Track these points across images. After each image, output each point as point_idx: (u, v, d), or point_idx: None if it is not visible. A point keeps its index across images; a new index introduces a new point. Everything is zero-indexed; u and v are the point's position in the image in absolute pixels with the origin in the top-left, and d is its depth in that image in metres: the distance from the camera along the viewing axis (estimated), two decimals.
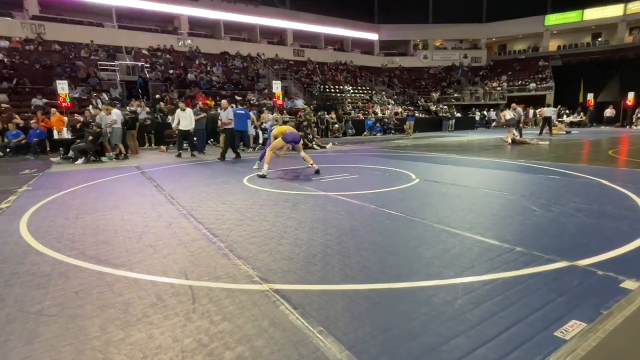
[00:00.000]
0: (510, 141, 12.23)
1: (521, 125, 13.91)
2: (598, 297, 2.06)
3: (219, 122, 9.92)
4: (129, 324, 1.89)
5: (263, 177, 6.42)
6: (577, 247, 2.83)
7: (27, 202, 4.91)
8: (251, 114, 11.85)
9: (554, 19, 32.89)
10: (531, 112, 19.86)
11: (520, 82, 30.64)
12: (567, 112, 24.49)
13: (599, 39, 32.44)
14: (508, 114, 12.77)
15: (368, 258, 2.70)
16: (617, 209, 3.92)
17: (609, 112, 23.23)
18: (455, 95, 30.37)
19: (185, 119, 10.14)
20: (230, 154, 9.71)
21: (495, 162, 8.18)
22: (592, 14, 31.18)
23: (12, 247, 3.13)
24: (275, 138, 6.91)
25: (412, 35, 36.06)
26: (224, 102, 10.33)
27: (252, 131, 13.10)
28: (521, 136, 13.00)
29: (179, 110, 10.21)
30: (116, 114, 10.06)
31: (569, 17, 32.23)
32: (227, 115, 9.76)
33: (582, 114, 24.25)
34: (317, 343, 1.69)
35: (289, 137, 6.83)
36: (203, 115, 11.75)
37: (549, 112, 14.38)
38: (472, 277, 2.35)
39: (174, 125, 10.43)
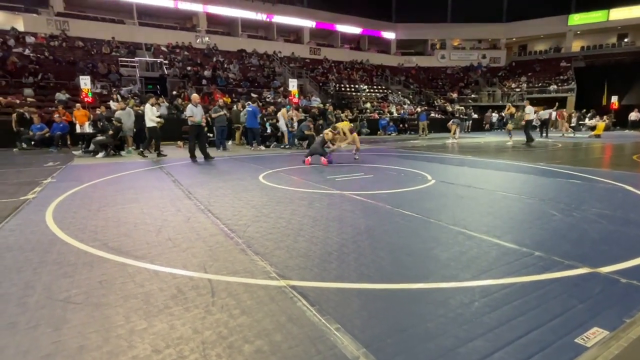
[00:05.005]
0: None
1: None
2: (620, 304, 2.02)
3: (190, 119, 9.06)
4: (151, 314, 1.95)
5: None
6: (599, 254, 2.77)
7: (51, 193, 5.08)
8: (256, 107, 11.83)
9: (577, 19, 31.95)
10: (554, 113, 19.33)
11: (540, 84, 29.93)
12: (589, 114, 23.79)
13: (625, 40, 31.38)
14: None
15: (383, 257, 2.70)
16: None
17: (634, 115, 22.49)
18: (473, 95, 29.89)
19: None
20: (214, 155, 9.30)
21: (512, 164, 8.03)
22: (618, 14, 30.16)
23: (39, 236, 3.26)
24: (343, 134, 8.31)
25: (429, 35, 35.62)
26: (194, 95, 9.61)
27: (284, 127, 12.72)
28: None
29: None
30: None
31: (594, 17, 31.26)
32: (200, 111, 9.11)
33: (604, 117, 23.52)
34: (334, 340, 1.71)
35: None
36: (223, 112, 11.85)
37: (532, 113, 13.34)
38: (489, 280, 2.33)
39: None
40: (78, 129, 11.67)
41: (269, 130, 13.57)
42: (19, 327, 1.84)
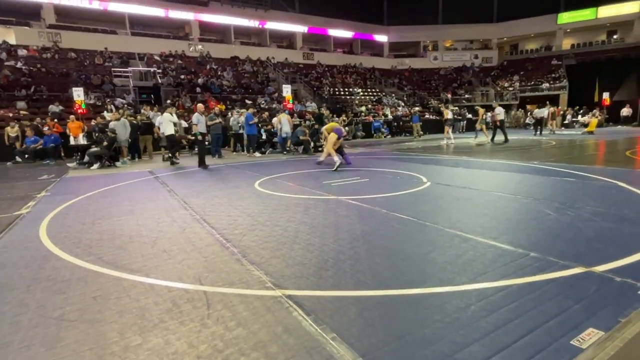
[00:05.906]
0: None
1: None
2: (616, 304, 2.03)
3: (195, 127, 9.50)
4: (146, 329, 1.94)
5: (337, 168, 7.65)
6: (593, 253, 2.78)
7: (45, 207, 5.05)
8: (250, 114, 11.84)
9: (566, 17, 32.34)
10: (546, 111, 19.47)
11: (532, 82, 30.17)
12: (581, 111, 24.00)
13: (614, 37, 31.75)
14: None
15: (380, 263, 2.70)
16: (635, 212, 3.84)
17: (626, 111, 22.70)
18: (466, 95, 30.06)
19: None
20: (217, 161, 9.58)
21: (507, 164, 8.08)
22: (607, 11, 30.54)
23: (33, 252, 3.23)
24: (328, 133, 8.26)
25: (421, 37, 35.87)
26: (200, 105, 10.03)
27: (289, 131, 12.48)
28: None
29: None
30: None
31: (583, 15, 31.63)
32: (204, 120, 9.77)
33: (597, 113, 23.73)
34: (331, 349, 1.71)
35: (337, 131, 8.18)
36: (218, 120, 11.82)
37: (502, 113, 13.89)
38: (486, 283, 2.34)
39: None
40: (72, 141, 11.62)
41: (264, 137, 13.57)
42: (13, 347, 1.82)
